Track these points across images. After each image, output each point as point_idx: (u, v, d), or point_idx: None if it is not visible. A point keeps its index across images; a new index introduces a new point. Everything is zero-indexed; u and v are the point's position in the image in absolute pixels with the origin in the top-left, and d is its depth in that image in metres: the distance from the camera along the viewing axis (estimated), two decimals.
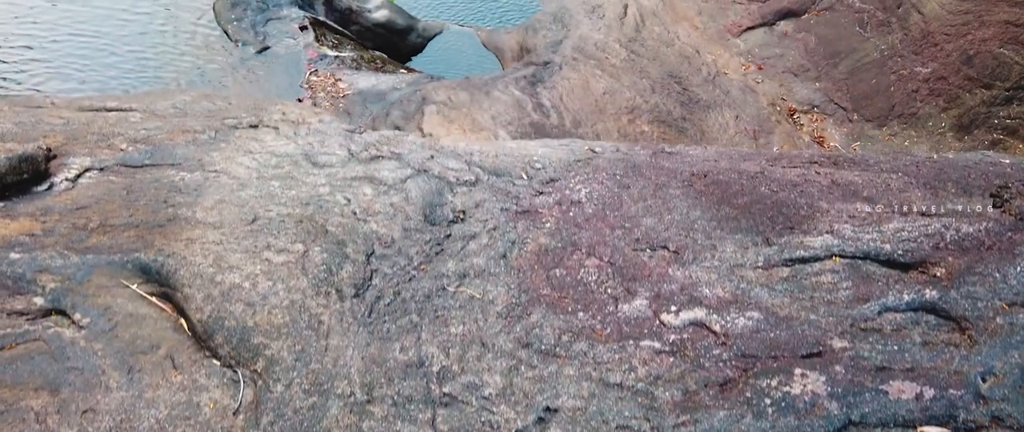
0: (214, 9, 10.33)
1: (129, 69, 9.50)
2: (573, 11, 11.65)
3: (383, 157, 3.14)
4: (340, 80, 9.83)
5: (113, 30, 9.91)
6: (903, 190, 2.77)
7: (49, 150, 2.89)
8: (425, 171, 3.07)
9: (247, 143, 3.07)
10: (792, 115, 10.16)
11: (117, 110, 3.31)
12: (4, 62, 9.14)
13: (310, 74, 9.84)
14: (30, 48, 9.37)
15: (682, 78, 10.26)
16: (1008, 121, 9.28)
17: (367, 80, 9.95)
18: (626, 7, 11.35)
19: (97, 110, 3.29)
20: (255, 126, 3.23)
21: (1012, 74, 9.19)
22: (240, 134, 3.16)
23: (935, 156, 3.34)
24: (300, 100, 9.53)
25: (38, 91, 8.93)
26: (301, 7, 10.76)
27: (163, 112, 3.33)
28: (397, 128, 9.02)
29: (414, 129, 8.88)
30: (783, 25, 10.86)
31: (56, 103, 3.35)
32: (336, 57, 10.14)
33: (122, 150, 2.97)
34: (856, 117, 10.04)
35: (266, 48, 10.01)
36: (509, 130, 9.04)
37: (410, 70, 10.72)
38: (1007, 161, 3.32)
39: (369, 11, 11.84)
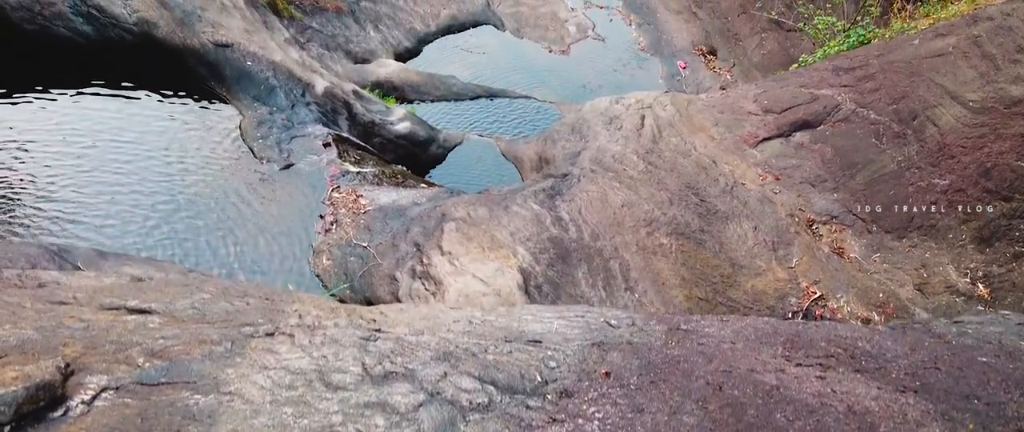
0: (241, 127, 10.57)
1: (158, 179, 9.71)
2: (591, 122, 11.80)
3: (397, 375, 3.15)
4: (361, 196, 9.95)
5: (148, 138, 10.19)
6: (920, 422, 2.74)
7: (67, 366, 2.93)
8: (438, 394, 3.07)
9: (262, 356, 3.10)
10: (811, 226, 10.13)
11: (137, 311, 3.35)
12: (47, 166, 9.48)
13: (332, 191, 9.98)
14: (66, 151, 9.63)
15: (700, 189, 10.30)
16: None
17: (388, 195, 10.07)
18: (643, 118, 11.48)
19: (118, 309, 3.34)
20: (271, 334, 3.26)
21: None
22: (256, 345, 3.19)
23: (953, 338, 3.30)
24: (322, 217, 9.65)
25: (77, 193, 9.15)
26: (325, 124, 10.98)
27: (182, 314, 3.37)
28: (417, 245, 9.09)
29: (434, 247, 8.94)
30: (799, 136, 10.92)
31: (78, 298, 3.40)
32: (358, 173, 10.29)
33: (139, 366, 3.01)
34: (875, 228, 9.99)
35: (290, 165, 10.19)
36: (528, 246, 9.07)
37: (430, 184, 10.86)
38: None
39: (391, 123, 12.07)
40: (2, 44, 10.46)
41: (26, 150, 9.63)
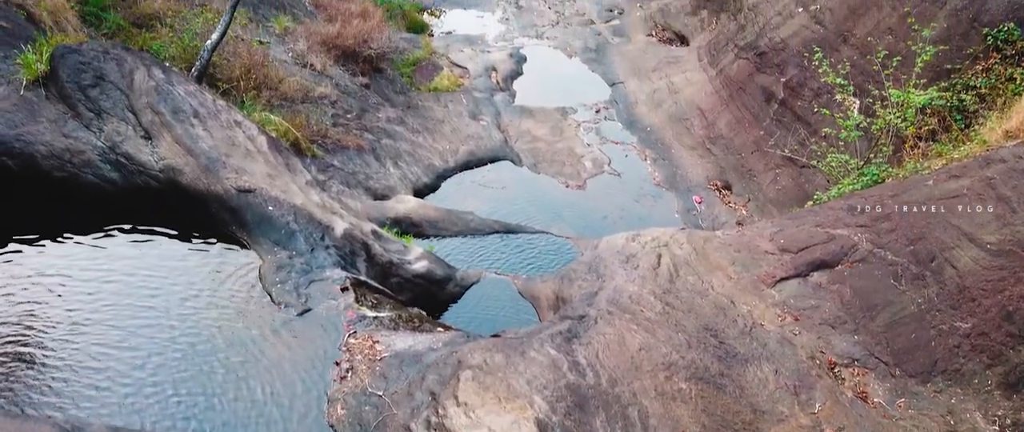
0: (260, 271, 10.71)
1: (176, 323, 9.86)
2: (607, 261, 11.87)
3: None
4: (378, 342, 9.96)
5: (168, 283, 10.44)
6: None
7: None
8: None
9: None
10: (833, 369, 9.99)
11: None
12: (79, 298, 9.78)
13: (348, 336, 10.00)
14: (91, 294, 9.96)
15: (718, 331, 10.23)
16: None
17: (404, 341, 10.06)
18: (659, 257, 11.53)
19: None
20: None
21: None
22: None
23: None
24: (337, 364, 9.63)
25: (103, 328, 9.48)
26: (343, 266, 11.11)
27: None
28: (433, 394, 9.03)
29: (450, 397, 8.88)
30: (817, 276, 10.90)
31: None
32: (374, 318, 10.33)
33: None
34: (899, 372, 9.83)
35: (307, 310, 10.26)
36: (545, 395, 9.00)
37: (447, 327, 10.86)
38: None
39: (409, 263, 12.20)
40: (33, 191, 10.83)
41: (53, 290, 9.85)
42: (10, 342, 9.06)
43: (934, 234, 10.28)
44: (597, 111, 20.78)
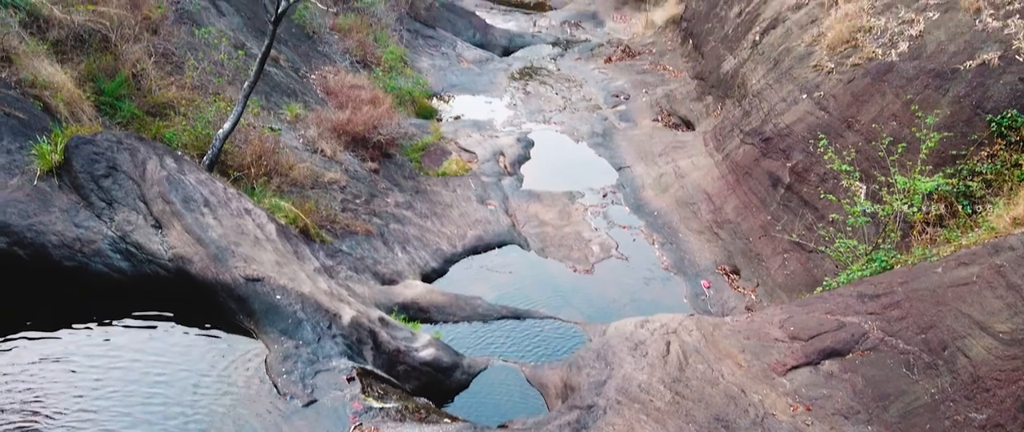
0: (266, 361, 10.66)
1: (179, 410, 9.81)
2: (616, 348, 11.78)
3: None
4: None
5: (170, 365, 10.48)
6: None
7: None
8: None
9: None
10: None
11: None
12: (86, 385, 9.75)
13: (354, 428, 9.88)
14: (98, 380, 10.00)
15: (729, 422, 10.07)
16: None
17: None
18: (668, 344, 11.45)
19: None
20: None
21: None
22: None
23: None
24: None
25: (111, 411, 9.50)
26: (350, 356, 11.05)
27: None
28: None
29: None
30: (828, 365, 10.76)
31: None
32: (381, 409, 10.22)
33: None
34: None
35: (313, 401, 10.17)
36: None
37: (454, 418, 10.73)
38: None
39: (416, 350, 12.13)
40: (44, 282, 10.89)
41: (60, 377, 9.85)
42: (17, 429, 9.02)
43: (945, 322, 10.19)
44: (604, 195, 20.90)
